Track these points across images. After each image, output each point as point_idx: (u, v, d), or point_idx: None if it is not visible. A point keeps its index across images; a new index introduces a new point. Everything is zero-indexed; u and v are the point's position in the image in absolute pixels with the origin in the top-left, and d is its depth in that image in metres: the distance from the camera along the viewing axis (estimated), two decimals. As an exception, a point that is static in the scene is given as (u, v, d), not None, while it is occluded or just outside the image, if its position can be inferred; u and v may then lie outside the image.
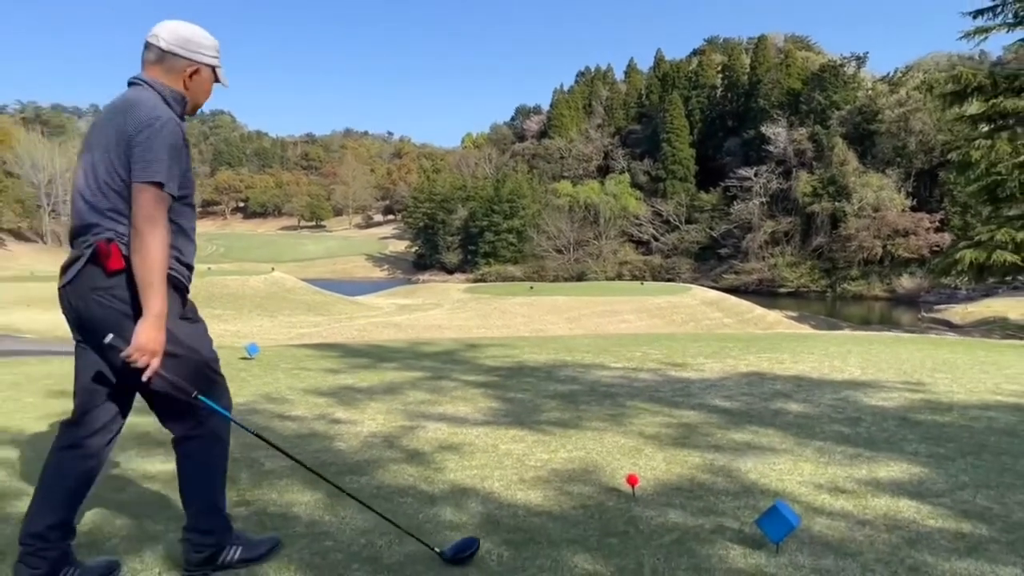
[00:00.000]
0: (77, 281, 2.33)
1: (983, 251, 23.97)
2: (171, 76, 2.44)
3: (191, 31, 2.47)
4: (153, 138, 2.25)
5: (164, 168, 2.25)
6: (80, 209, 2.35)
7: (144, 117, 2.28)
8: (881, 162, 69.98)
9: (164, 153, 2.26)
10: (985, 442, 4.05)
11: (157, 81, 2.42)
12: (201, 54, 2.47)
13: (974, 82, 24.80)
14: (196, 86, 2.49)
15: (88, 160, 2.36)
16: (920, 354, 8.37)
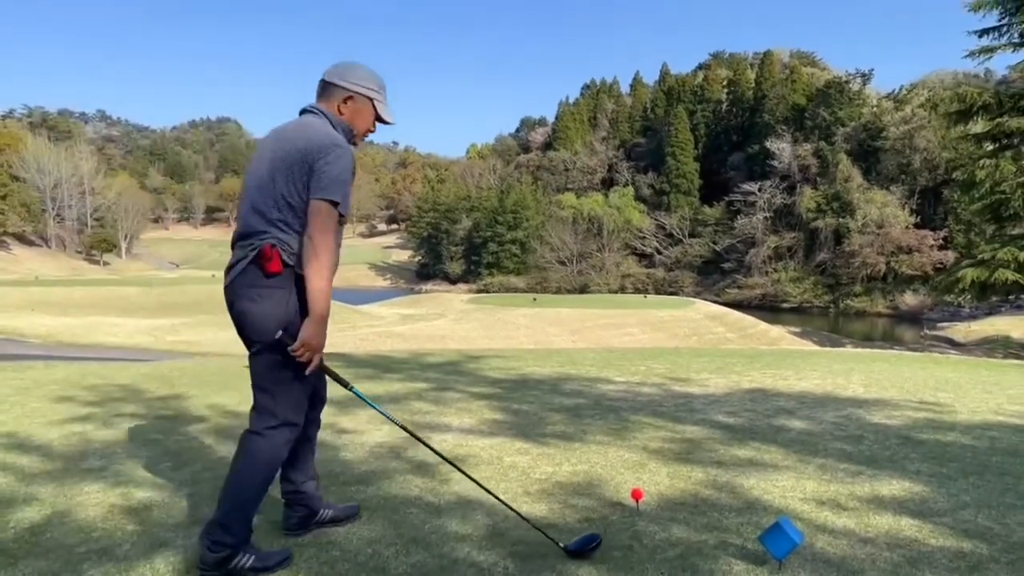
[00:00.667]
0: (238, 279, 2.59)
1: (985, 269, 23.96)
2: (330, 104, 2.72)
3: (352, 65, 2.78)
4: (335, 163, 2.52)
5: (341, 190, 2.53)
6: (248, 216, 2.61)
7: (326, 143, 2.54)
8: (885, 179, 70.04)
9: (343, 177, 2.55)
10: (987, 462, 4.07)
11: (324, 109, 2.70)
12: (356, 84, 2.73)
13: (979, 101, 24.85)
14: (352, 113, 2.74)
15: (260, 173, 2.61)
16: (923, 372, 8.39)
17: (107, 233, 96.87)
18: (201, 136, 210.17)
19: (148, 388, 6.26)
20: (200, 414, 5.13)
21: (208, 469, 3.71)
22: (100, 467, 3.73)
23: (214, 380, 6.78)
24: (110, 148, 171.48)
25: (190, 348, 24.68)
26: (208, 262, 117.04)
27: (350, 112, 2.73)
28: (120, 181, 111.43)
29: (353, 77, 2.73)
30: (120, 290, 36.33)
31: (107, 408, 5.30)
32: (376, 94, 2.77)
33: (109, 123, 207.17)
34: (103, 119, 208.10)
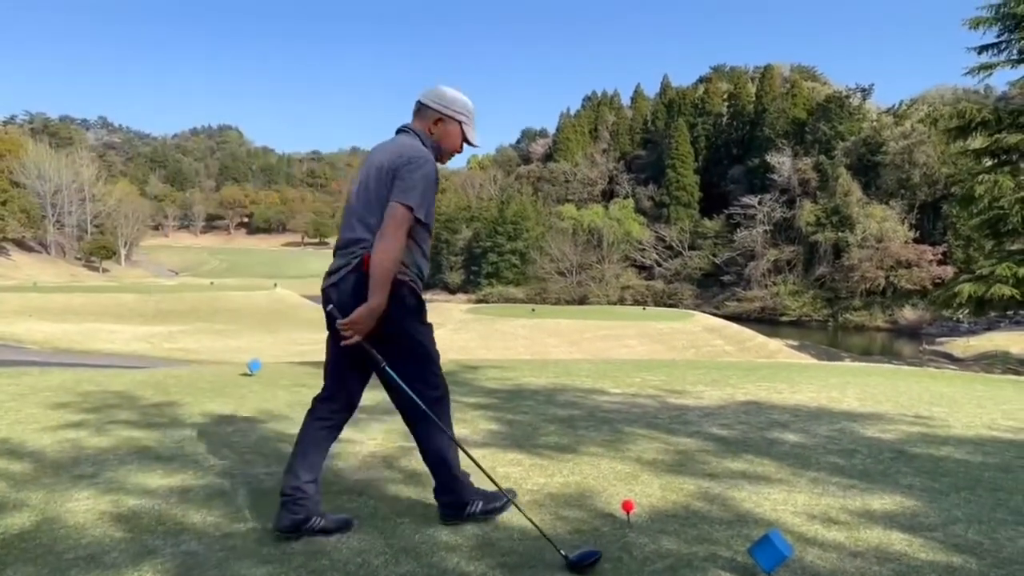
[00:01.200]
0: (341, 283, 2.92)
1: (983, 284, 23.99)
2: (424, 123, 3.05)
3: (445, 90, 3.09)
4: (415, 171, 2.83)
5: (417, 195, 2.82)
6: (352, 223, 2.95)
7: (413, 154, 2.88)
8: (885, 193, 70.21)
9: (421, 184, 2.84)
10: (980, 477, 4.07)
11: (417, 128, 3.05)
12: (447, 107, 3.05)
13: (978, 117, 24.94)
14: (441, 134, 3.06)
15: (363, 184, 2.95)
16: (918, 387, 8.39)
17: (106, 240, 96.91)
18: (202, 144, 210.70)
19: (142, 395, 6.26)
20: (194, 421, 5.13)
21: (199, 477, 3.71)
22: (92, 473, 3.73)
23: (209, 388, 6.78)
24: (111, 155, 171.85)
25: (186, 356, 24.69)
26: (207, 270, 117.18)
27: (440, 132, 3.05)
28: (120, 188, 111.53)
29: (445, 101, 3.05)
30: (118, 297, 36.34)
31: (101, 415, 5.30)
32: (464, 117, 3.08)
33: (110, 130, 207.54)
34: (104, 126, 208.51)
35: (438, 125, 3.04)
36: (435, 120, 3.04)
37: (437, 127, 3.04)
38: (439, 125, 3.04)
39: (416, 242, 2.93)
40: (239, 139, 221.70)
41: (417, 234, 2.91)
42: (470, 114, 3.10)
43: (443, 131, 3.05)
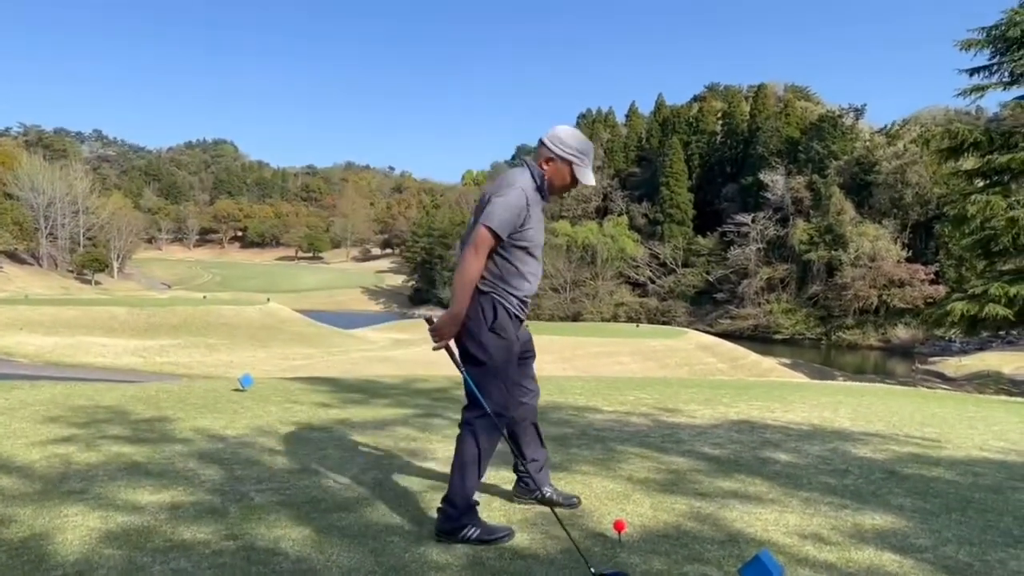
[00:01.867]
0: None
1: (975, 304, 24.11)
2: (538, 159, 3.30)
3: (563, 130, 3.32)
4: (499, 197, 3.14)
5: (496, 217, 3.09)
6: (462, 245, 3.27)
7: (503, 183, 3.23)
8: (878, 212, 70.59)
9: (499, 208, 3.11)
10: (971, 498, 4.07)
11: (531, 161, 3.31)
12: (560, 148, 3.26)
13: (970, 138, 25.16)
14: (551, 172, 3.29)
15: (473, 212, 3.29)
16: (910, 407, 8.40)
17: (99, 252, 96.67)
18: (197, 157, 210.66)
19: (133, 410, 6.23)
20: (185, 437, 5.11)
21: (190, 493, 3.69)
22: (81, 489, 3.71)
23: (200, 403, 6.75)
24: (105, 168, 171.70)
25: (178, 370, 24.59)
26: (200, 284, 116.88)
27: (551, 170, 3.28)
28: (114, 201, 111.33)
29: (557, 141, 3.26)
30: (110, 310, 36.19)
31: (91, 430, 5.27)
32: (575, 158, 3.26)
33: (105, 143, 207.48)
34: (99, 139, 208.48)
35: (549, 164, 3.27)
36: (547, 159, 3.27)
37: (548, 165, 3.27)
38: (550, 164, 3.27)
39: (510, 261, 3.19)
40: (234, 153, 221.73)
41: (511, 254, 3.19)
42: (583, 154, 3.28)
43: (553, 169, 3.28)
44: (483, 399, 3.15)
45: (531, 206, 3.18)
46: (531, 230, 3.20)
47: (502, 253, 3.17)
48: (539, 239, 3.28)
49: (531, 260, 3.26)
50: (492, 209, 3.09)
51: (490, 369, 3.19)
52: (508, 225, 3.11)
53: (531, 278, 3.28)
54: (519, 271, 3.22)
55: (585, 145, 3.29)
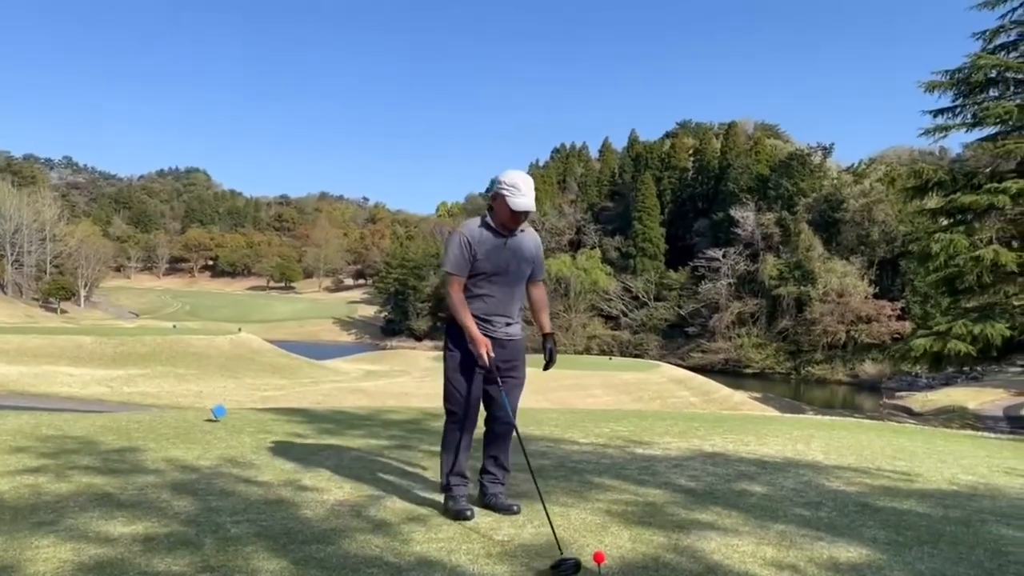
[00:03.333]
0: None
1: (940, 340, 24.46)
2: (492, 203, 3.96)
3: (501, 175, 3.91)
4: (447, 241, 4.05)
5: (446, 261, 3.91)
6: None
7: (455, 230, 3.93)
8: (845, 249, 71.76)
9: (447, 252, 3.93)
10: (942, 531, 4.13)
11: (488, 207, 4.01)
12: (498, 186, 3.89)
13: (934, 178, 25.71)
14: (496, 209, 3.92)
15: None
16: (880, 441, 8.51)
17: (66, 280, 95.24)
18: (169, 185, 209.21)
19: (103, 440, 6.13)
20: (157, 467, 5.04)
21: (163, 524, 3.63)
22: (51, 520, 3.64)
23: (172, 433, 6.66)
24: (74, 195, 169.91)
25: (146, 400, 24.20)
26: (169, 313, 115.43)
27: (496, 208, 3.90)
28: (82, 228, 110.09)
29: (498, 183, 3.88)
30: (76, 339, 35.58)
31: (60, 460, 5.18)
32: (507, 190, 3.83)
33: (75, 170, 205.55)
34: (69, 166, 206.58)
35: (495, 202, 3.90)
36: (491, 198, 3.93)
37: (495, 203, 3.90)
38: (495, 202, 3.90)
39: (468, 287, 3.95)
40: (206, 181, 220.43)
41: (471, 281, 3.94)
42: (513, 185, 3.82)
43: (497, 207, 3.90)
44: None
45: (475, 243, 3.86)
46: (481, 261, 3.88)
47: (466, 282, 3.93)
48: (491, 267, 3.91)
49: (487, 284, 3.95)
50: (443, 255, 3.91)
51: (446, 372, 4.02)
52: (458, 261, 3.87)
53: (486, 299, 3.97)
54: (474, 294, 3.95)
55: (514, 178, 3.84)
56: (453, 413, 4.05)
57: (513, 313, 4.15)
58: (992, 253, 23.30)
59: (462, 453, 4.07)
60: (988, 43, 25.57)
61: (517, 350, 4.19)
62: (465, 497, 4.01)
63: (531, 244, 4.10)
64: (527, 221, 4.01)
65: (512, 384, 4.14)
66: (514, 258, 3.98)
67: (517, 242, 3.99)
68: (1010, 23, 25.00)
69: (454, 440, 4.05)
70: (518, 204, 3.83)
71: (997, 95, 25.73)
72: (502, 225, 3.90)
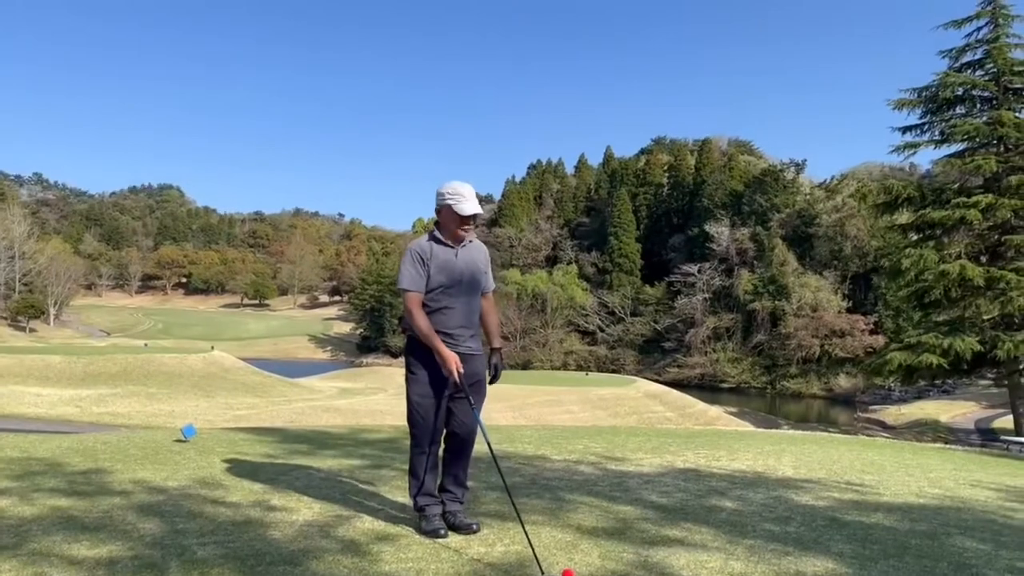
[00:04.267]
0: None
1: (912, 354, 24.79)
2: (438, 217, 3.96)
3: (442, 186, 3.93)
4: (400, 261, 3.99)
5: (400, 277, 3.94)
6: None
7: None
8: (819, 264, 72.53)
9: (401, 268, 3.96)
10: (908, 544, 4.18)
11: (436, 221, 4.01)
12: (438, 200, 3.91)
13: (904, 194, 26.17)
14: (442, 221, 3.94)
15: None
16: (850, 455, 8.59)
17: (35, 299, 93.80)
18: (141, 202, 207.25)
19: (69, 462, 6.04)
20: (123, 489, 4.97)
21: (128, 548, 3.59)
22: (14, 544, 3.58)
23: (140, 454, 6.58)
24: (44, 212, 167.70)
25: (116, 420, 23.85)
26: (141, 331, 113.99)
27: (442, 220, 3.92)
28: (53, 246, 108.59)
29: (439, 195, 3.90)
30: (45, 358, 35.03)
31: (24, 482, 5.10)
32: (451, 198, 3.84)
33: (45, 187, 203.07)
34: (39, 182, 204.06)
35: (440, 215, 3.91)
36: (437, 212, 3.93)
37: (440, 216, 3.92)
38: (441, 214, 3.91)
39: (428, 303, 3.95)
40: (180, 198, 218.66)
41: (433, 299, 3.94)
42: (456, 193, 3.83)
43: (442, 218, 3.91)
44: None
45: (427, 257, 3.89)
46: (435, 275, 3.90)
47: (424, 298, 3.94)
48: (446, 279, 3.92)
49: (445, 297, 3.94)
50: (398, 274, 3.97)
51: (409, 394, 4.04)
52: (413, 277, 3.89)
53: (447, 311, 3.96)
54: (433, 308, 3.95)
55: (456, 187, 3.87)
56: (417, 435, 4.04)
57: (474, 325, 4.13)
58: (959, 267, 23.71)
59: (429, 473, 4.07)
60: (955, 61, 26.16)
61: (481, 363, 4.14)
62: (438, 516, 4.02)
63: (480, 255, 4.11)
64: (474, 228, 4.02)
65: (479, 399, 4.10)
66: (467, 268, 3.99)
67: (467, 252, 4.01)
68: (975, 42, 25.58)
69: (421, 461, 4.04)
70: (465, 209, 3.85)
71: (964, 112, 26.28)
72: (451, 236, 3.93)
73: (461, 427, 4.09)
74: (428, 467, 4.05)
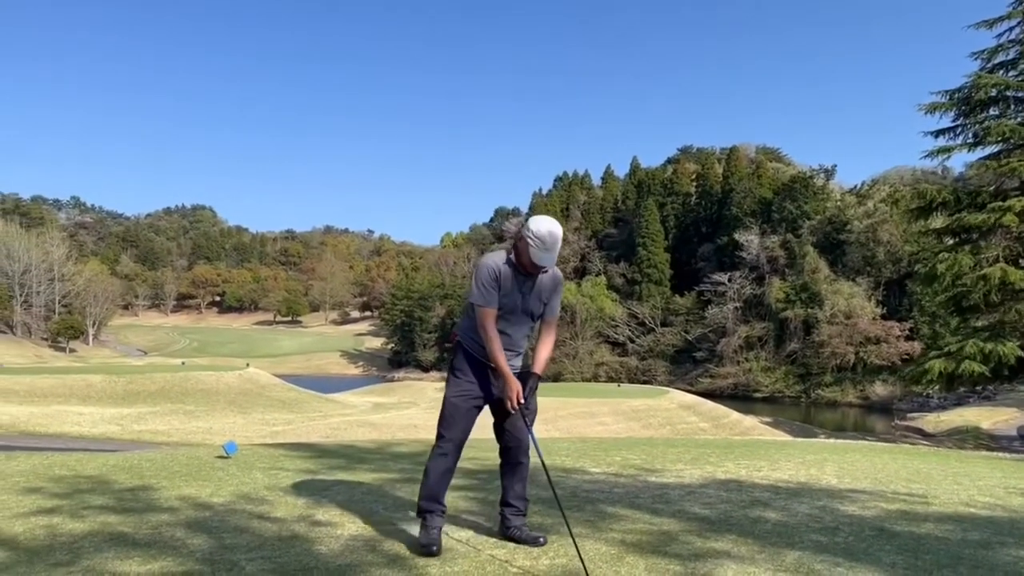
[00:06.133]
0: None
1: (953, 361, 24.32)
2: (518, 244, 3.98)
3: (533, 218, 3.95)
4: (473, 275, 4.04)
5: (476, 293, 3.97)
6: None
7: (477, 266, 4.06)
8: (851, 270, 71.61)
9: (477, 282, 3.98)
10: (961, 554, 4.10)
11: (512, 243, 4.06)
12: (527, 232, 3.90)
13: (938, 198, 25.76)
14: (519, 250, 3.95)
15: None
16: (895, 464, 8.45)
17: (74, 320, 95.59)
18: (175, 223, 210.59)
19: (116, 479, 6.14)
20: (171, 506, 5.04)
21: (179, 563, 3.63)
22: (68, 561, 3.64)
23: (184, 471, 6.66)
24: (82, 234, 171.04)
25: (156, 438, 24.16)
26: (177, 349, 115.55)
27: (519, 248, 3.95)
28: (90, 267, 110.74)
29: (525, 225, 3.94)
30: (86, 378, 35.62)
31: (74, 500, 5.19)
32: (532, 241, 3.87)
33: (83, 210, 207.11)
34: (77, 206, 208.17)
35: (519, 244, 3.94)
36: (518, 239, 3.96)
37: (519, 245, 3.95)
38: (519, 244, 3.94)
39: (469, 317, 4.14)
40: (212, 218, 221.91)
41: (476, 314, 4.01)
42: (539, 238, 3.85)
43: (519, 249, 3.95)
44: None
45: (502, 278, 3.95)
46: (501, 297, 3.97)
47: (470, 313, 4.08)
48: (507, 304, 3.99)
49: (500, 321, 4.01)
50: (472, 286, 3.98)
51: (447, 396, 4.10)
52: (489, 296, 3.93)
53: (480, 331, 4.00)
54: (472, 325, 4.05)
55: (542, 232, 3.85)
56: (445, 437, 4.08)
57: (520, 347, 4.21)
58: (1000, 272, 23.27)
59: (443, 478, 4.08)
60: (987, 62, 25.75)
61: (525, 382, 4.13)
62: (437, 529, 3.98)
63: (548, 285, 4.13)
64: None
65: (531, 416, 4.18)
66: (532, 298, 4.07)
67: (537, 282, 4.06)
68: (1008, 42, 25.18)
69: (438, 465, 4.07)
70: (539, 259, 3.89)
71: (998, 114, 25.84)
72: (522, 266, 3.97)
73: (514, 440, 4.18)
74: (444, 472, 4.08)
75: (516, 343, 4.15)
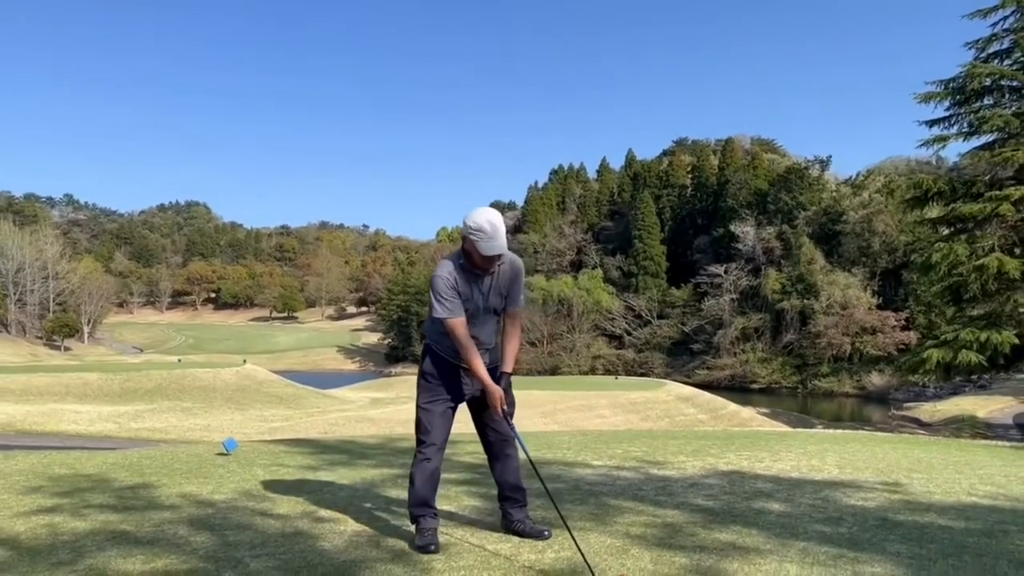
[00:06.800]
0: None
1: (950, 350, 24.34)
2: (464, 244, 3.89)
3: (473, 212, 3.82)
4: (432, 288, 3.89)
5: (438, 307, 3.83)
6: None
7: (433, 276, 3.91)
8: (847, 261, 71.73)
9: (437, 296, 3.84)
10: (965, 543, 4.10)
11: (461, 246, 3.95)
12: (466, 230, 3.79)
13: (934, 188, 25.73)
14: (468, 251, 3.85)
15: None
16: (895, 453, 8.46)
17: (69, 318, 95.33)
18: (169, 220, 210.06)
19: (117, 477, 6.12)
20: (172, 503, 5.02)
21: (183, 561, 3.62)
22: (70, 560, 3.62)
23: (185, 468, 6.64)
24: (76, 232, 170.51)
25: (154, 435, 24.14)
26: (173, 347, 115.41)
27: (467, 250, 3.85)
28: (85, 265, 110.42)
29: (465, 223, 3.80)
30: (82, 376, 35.56)
31: (75, 499, 5.16)
32: (475, 235, 3.75)
33: (76, 207, 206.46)
34: (70, 203, 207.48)
35: (466, 245, 3.85)
36: (463, 240, 3.88)
37: (466, 246, 3.85)
38: (466, 245, 3.85)
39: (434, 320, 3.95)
40: (207, 215, 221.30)
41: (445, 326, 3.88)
42: (479, 230, 3.72)
43: (468, 249, 3.85)
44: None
45: (459, 284, 3.85)
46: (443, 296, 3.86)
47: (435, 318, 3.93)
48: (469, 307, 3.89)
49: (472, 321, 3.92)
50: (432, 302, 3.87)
51: (420, 401, 4.05)
52: (453, 306, 3.83)
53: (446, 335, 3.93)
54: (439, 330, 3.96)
55: (480, 222, 3.73)
56: (425, 443, 4.01)
57: (491, 342, 4.11)
58: (996, 262, 23.26)
59: (429, 482, 4.03)
60: (981, 52, 25.70)
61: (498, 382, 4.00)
62: (432, 531, 3.94)
63: (506, 278, 4.01)
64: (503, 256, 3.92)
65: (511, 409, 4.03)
66: (493, 295, 3.99)
67: (494, 278, 3.96)
68: (1002, 31, 25.14)
69: (423, 470, 4.01)
70: (487, 248, 3.77)
71: (992, 103, 25.81)
72: (476, 267, 3.88)
73: (496, 435, 4.11)
74: (430, 477, 4.02)
75: (486, 342, 4.05)
